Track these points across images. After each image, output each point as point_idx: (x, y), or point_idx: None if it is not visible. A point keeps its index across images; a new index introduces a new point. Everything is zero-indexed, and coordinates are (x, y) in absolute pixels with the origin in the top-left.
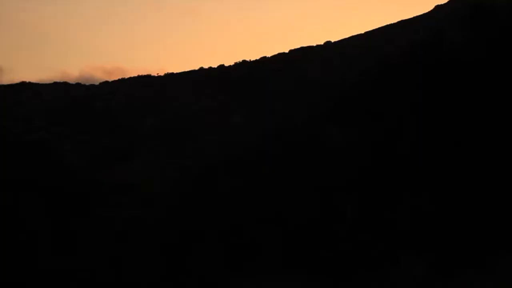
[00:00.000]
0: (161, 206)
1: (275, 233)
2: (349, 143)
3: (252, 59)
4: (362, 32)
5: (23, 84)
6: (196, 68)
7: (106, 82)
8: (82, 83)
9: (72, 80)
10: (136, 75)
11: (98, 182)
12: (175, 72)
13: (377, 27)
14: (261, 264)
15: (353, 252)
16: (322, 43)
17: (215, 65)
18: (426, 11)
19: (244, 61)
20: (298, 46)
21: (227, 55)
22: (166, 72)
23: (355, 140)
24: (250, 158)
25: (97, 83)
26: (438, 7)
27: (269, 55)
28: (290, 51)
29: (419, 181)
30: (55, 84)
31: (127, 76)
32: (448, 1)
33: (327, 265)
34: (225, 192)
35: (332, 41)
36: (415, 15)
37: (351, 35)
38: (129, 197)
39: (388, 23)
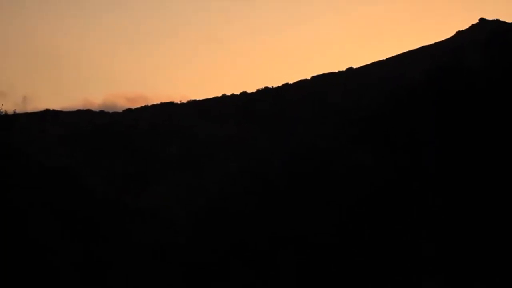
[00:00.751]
0: (183, 228)
1: (292, 252)
2: (368, 166)
3: (275, 85)
4: (384, 58)
5: (47, 112)
6: (219, 95)
7: (129, 109)
8: (105, 110)
9: (95, 108)
10: (159, 102)
11: (121, 207)
12: (198, 99)
13: (399, 52)
14: (277, 282)
15: (370, 273)
16: (344, 69)
17: (238, 92)
18: (448, 36)
19: (266, 87)
20: (320, 73)
21: (250, 82)
22: (189, 99)
23: (375, 163)
24: (271, 181)
25: (120, 111)
26: (459, 33)
27: (291, 81)
28: (312, 77)
29: (439, 203)
30: (79, 112)
31: (150, 104)
32: (469, 27)
33: (343, 286)
34: (244, 213)
35: (354, 67)
36: (437, 40)
37: (373, 61)
38: (151, 221)
39: (410, 48)
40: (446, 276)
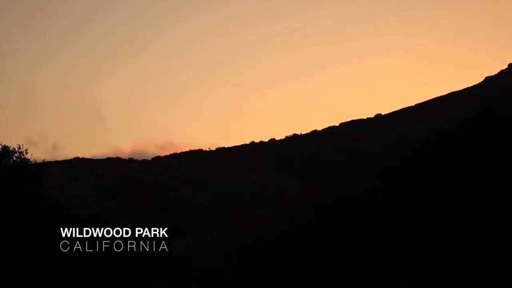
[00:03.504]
0: (214, 278)
1: None
2: (399, 215)
3: (303, 132)
4: (413, 104)
5: (77, 160)
6: (248, 142)
7: (158, 157)
8: (135, 158)
9: (125, 156)
10: (188, 149)
11: (151, 257)
12: (226, 146)
13: (427, 99)
14: None
15: None
16: (372, 115)
17: (266, 139)
18: (477, 82)
19: (295, 134)
20: (349, 119)
21: (278, 129)
22: (217, 147)
23: (406, 210)
24: (301, 231)
25: (149, 158)
26: (488, 79)
27: (319, 128)
28: (341, 124)
29: (472, 253)
30: (108, 160)
31: (179, 151)
32: (498, 73)
33: None
34: (276, 266)
35: (383, 113)
36: (466, 86)
37: (401, 107)
38: (182, 272)
39: (439, 95)
40: None
